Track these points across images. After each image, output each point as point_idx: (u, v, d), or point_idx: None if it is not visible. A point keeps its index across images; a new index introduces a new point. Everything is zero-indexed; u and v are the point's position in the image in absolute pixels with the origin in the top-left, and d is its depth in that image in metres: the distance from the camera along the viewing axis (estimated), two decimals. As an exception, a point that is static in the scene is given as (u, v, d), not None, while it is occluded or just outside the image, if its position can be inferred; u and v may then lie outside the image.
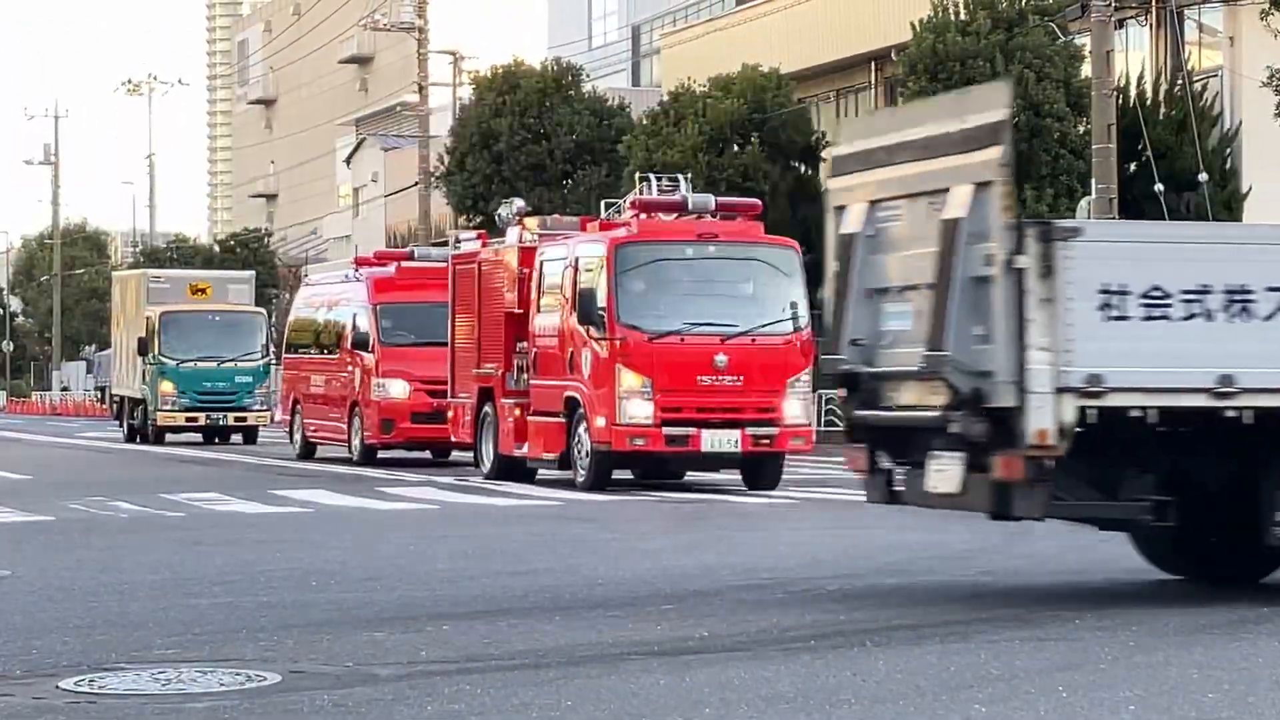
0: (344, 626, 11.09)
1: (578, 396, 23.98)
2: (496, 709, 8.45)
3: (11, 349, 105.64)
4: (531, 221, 26.60)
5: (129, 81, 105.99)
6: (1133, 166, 37.19)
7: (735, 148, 45.69)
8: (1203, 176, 36.47)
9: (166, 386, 41.62)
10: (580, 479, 24.09)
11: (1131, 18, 41.67)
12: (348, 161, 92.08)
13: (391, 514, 20.93)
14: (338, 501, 22.65)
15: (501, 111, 54.12)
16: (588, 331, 23.71)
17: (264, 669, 9.51)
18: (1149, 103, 38.89)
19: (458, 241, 29.20)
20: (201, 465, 33.09)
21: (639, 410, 23.32)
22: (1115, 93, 34.91)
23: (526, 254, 25.80)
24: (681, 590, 12.95)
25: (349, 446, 32.23)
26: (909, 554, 15.61)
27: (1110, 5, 33.52)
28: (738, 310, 23.98)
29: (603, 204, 26.71)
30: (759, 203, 26.35)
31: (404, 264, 32.72)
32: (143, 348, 42.03)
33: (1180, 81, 38.97)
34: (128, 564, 15.01)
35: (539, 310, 25.16)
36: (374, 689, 8.96)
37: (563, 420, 24.34)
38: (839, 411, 36.62)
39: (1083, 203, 34.65)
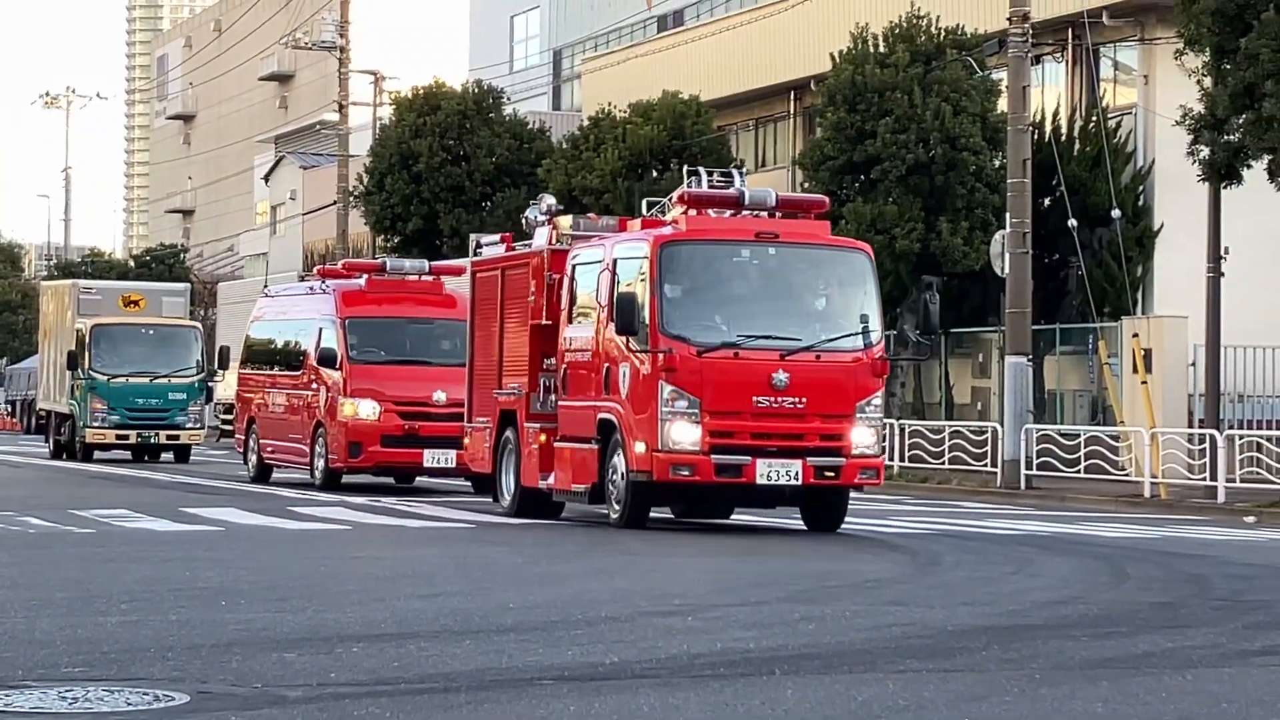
0: (253, 646, 11.02)
1: (614, 419, 21.09)
2: (405, 733, 8.42)
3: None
4: (564, 221, 23.56)
5: (46, 94, 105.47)
6: (1047, 201, 37.49)
7: (654, 173, 45.81)
8: (1116, 213, 36.79)
9: (96, 402, 40.62)
10: (614, 514, 21.33)
11: (1048, 54, 42.01)
12: (266, 179, 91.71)
13: (303, 534, 20.84)
14: (249, 520, 22.51)
15: (421, 132, 54.09)
16: (627, 344, 20.90)
17: (172, 689, 9.44)
18: (1064, 138, 39.23)
19: (478, 246, 26.03)
20: (132, 485, 32.81)
21: (684, 435, 20.44)
22: (1031, 128, 35.19)
23: (557, 258, 22.95)
24: (592, 616, 12.93)
25: (310, 470, 30.38)
26: (819, 582, 15.65)
27: (1027, 41, 33.79)
28: (801, 322, 21.16)
29: (645, 202, 23.81)
30: (825, 200, 23.34)
31: (374, 276, 30.88)
32: (72, 361, 40.90)
33: (1095, 118, 39.29)
34: (36, 580, 14.87)
35: (570, 321, 22.32)
36: (283, 710, 8.91)
37: (595, 446, 21.47)
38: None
39: (997, 236, 34.89)
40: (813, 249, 21.54)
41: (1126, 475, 32.73)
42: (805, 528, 21.90)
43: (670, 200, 22.58)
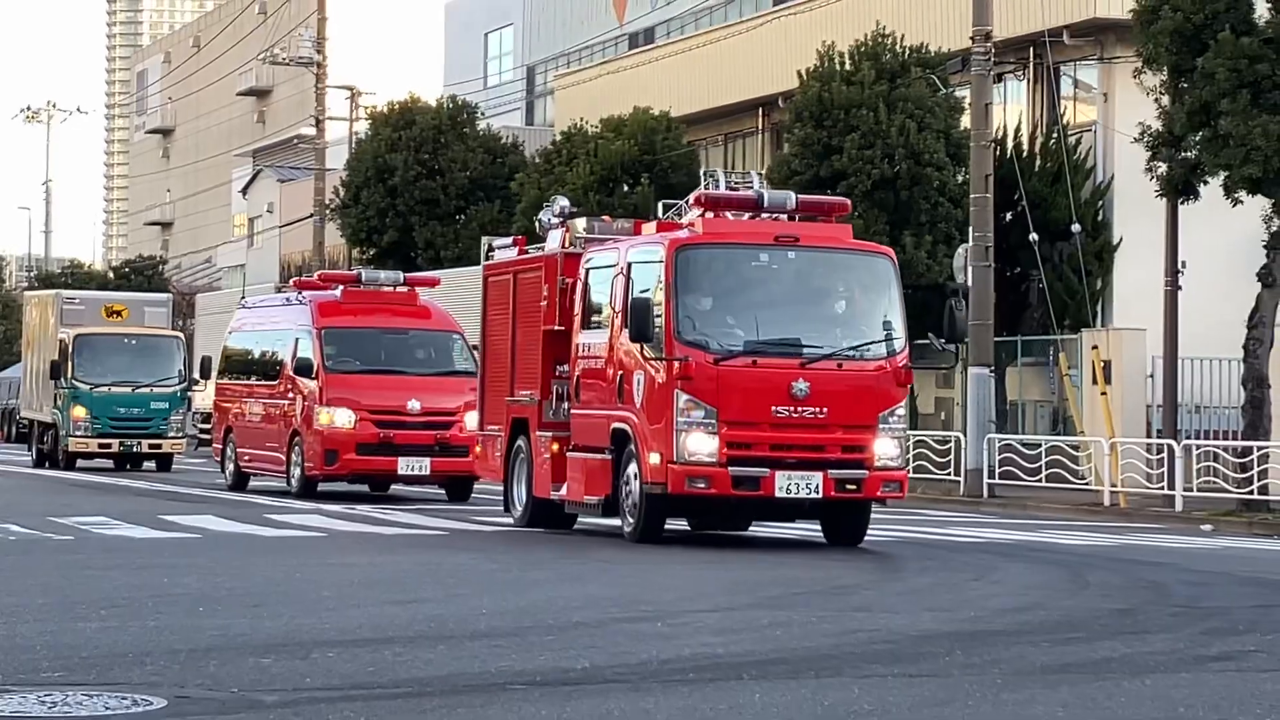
0: (230, 652, 10.99)
1: (628, 429, 20.04)
2: (380, 737, 8.40)
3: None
4: (578, 224, 22.35)
5: (28, 108, 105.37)
6: (1009, 216, 37.57)
7: (625, 187, 45.82)
8: (1075, 227, 36.91)
9: (79, 411, 40.31)
10: (628, 527, 20.37)
11: (1010, 72, 42.10)
12: (244, 192, 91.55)
13: (279, 541, 20.79)
14: (226, 527, 22.45)
15: (397, 146, 54.06)
16: (641, 351, 19.83)
17: (150, 693, 9.42)
18: (1025, 155, 39.33)
19: (490, 250, 25.11)
20: (110, 493, 32.70)
21: (701, 445, 19.34)
22: (993, 144, 35.28)
23: (570, 261, 21.85)
24: (564, 621, 12.92)
25: (287, 478, 30.19)
26: (787, 588, 15.65)
27: (990, 60, 33.86)
28: (822, 329, 20.14)
29: (660, 205, 22.93)
30: (847, 202, 22.05)
31: (350, 287, 30.67)
32: (55, 371, 40.58)
33: (1056, 135, 39.39)
34: (16, 586, 14.81)
35: (584, 327, 21.25)
36: (259, 715, 8.88)
37: (609, 457, 20.45)
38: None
39: (960, 250, 34.96)
40: (834, 253, 20.56)
41: (1087, 484, 32.79)
42: (825, 541, 21.06)
43: (687, 203, 21.58)
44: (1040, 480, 33.09)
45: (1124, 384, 34.30)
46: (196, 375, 41.61)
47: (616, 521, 20.89)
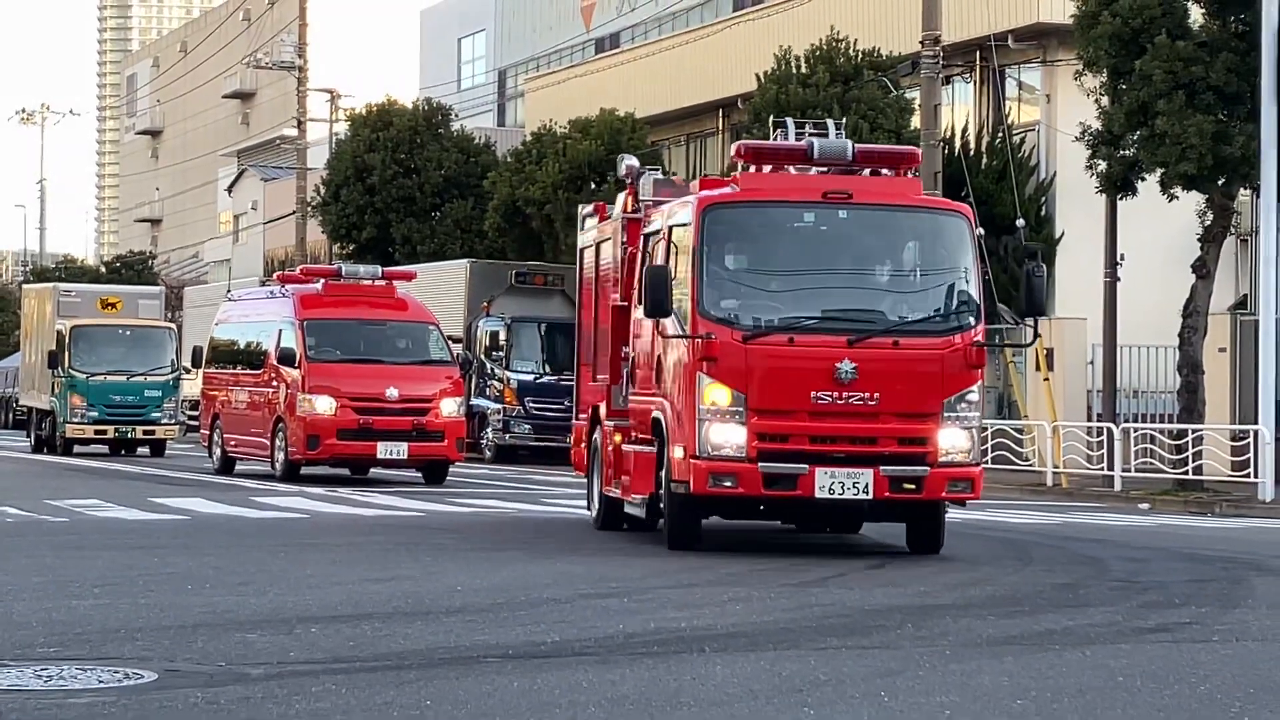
0: (217, 628, 10.97)
1: (662, 418, 16.87)
2: (360, 707, 8.40)
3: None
4: (645, 183, 18.79)
5: (23, 111, 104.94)
6: (957, 211, 37.57)
7: (593, 185, 45.75)
8: (1020, 222, 36.92)
9: (76, 399, 40.27)
10: (665, 530, 17.13)
11: (958, 75, 42.16)
12: (229, 190, 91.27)
13: (264, 522, 20.74)
14: (213, 509, 22.40)
15: (375, 147, 53.92)
16: (659, 328, 16.74)
17: (141, 667, 9.40)
18: (972, 153, 39.37)
19: (582, 220, 21.40)
20: (106, 477, 32.61)
21: (726, 437, 15.96)
22: (942, 143, 35.31)
23: (632, 227, 18.65)
24: (535, 598, 12.93)
25: (271, 462, 30.14)
26: (748, 566, 15.66)
27: (938, 63, 33.90)
28: (876, 301, 16.52)
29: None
30: (917, 152, 17.91)
31: (331, 281, 30.68)
32: (53, 360, 40.57)
33: (1001, 134, 39.46)
34: (12, 566, 14.77)
35: (639, 302, 17.44)
36: (245, 688, 8.88)
37: (654, 450, 17.18)
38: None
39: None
40: (894, 211, 16.81)
41: (1030, 465, 32.87)
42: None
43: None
44: (987, 462, 33.08)
45: (1066, 370, 34.38)
46: (188, 364, 41.52)
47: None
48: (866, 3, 41.67)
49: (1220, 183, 28.67)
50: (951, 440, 16.21)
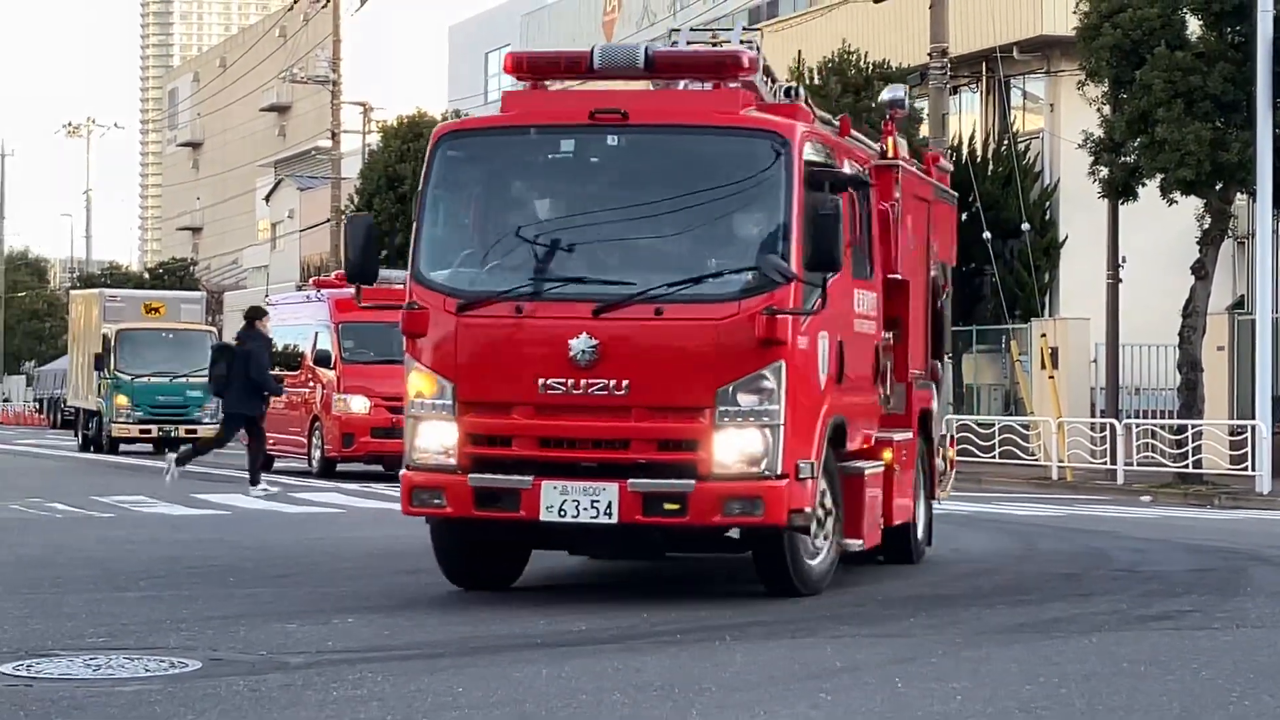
0: (258, 619, 10.99)
1: None
2: (396, 694, 8.41)
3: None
4: None
5: (69, 124, 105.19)
6: (964, 216, 37.51)
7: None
8: (1025, 226, 36.91)
9: (121, 399, 40.43)
10: None
11: (965, 85, 42.09)
12: (267, 199, 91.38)
13: (302, 516, 20.76)
14: (253, 505, 22.43)
15: (406, 157, 53.96)
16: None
17: (186, 656, 9.42)
18: (979, 160, 39.30)
19: None
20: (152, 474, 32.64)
21: (433, 440, 11.74)
22: (949, 151, 35.24)
23: None
24: (562, 586, 12.92)
25: (308, 459, 30.41)
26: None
27: (946, 74, 33.86)
28: (641, 255, 11.80)
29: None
30: (744, 55, 12.33)
31: (364, 285, 31.11)
32: (99, 363, 40.83)
33: (1006, 142, 39.39)
34: (62, 560, 14.80)
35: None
36: (286, 675, 8.89)
37: None
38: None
39: (920, 248, 34.91)
40: (680, 134, 11.92)
41: (1036, 460, 32.80)
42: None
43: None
44: (994, 456, 33.12)
45: (1070, 368, 34.30)
46: None
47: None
48: (877, 17, 41.57)
49: (1218, 188, 28.60)
50: (731, 444, 11.33)
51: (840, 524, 12.60)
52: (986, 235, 35.94)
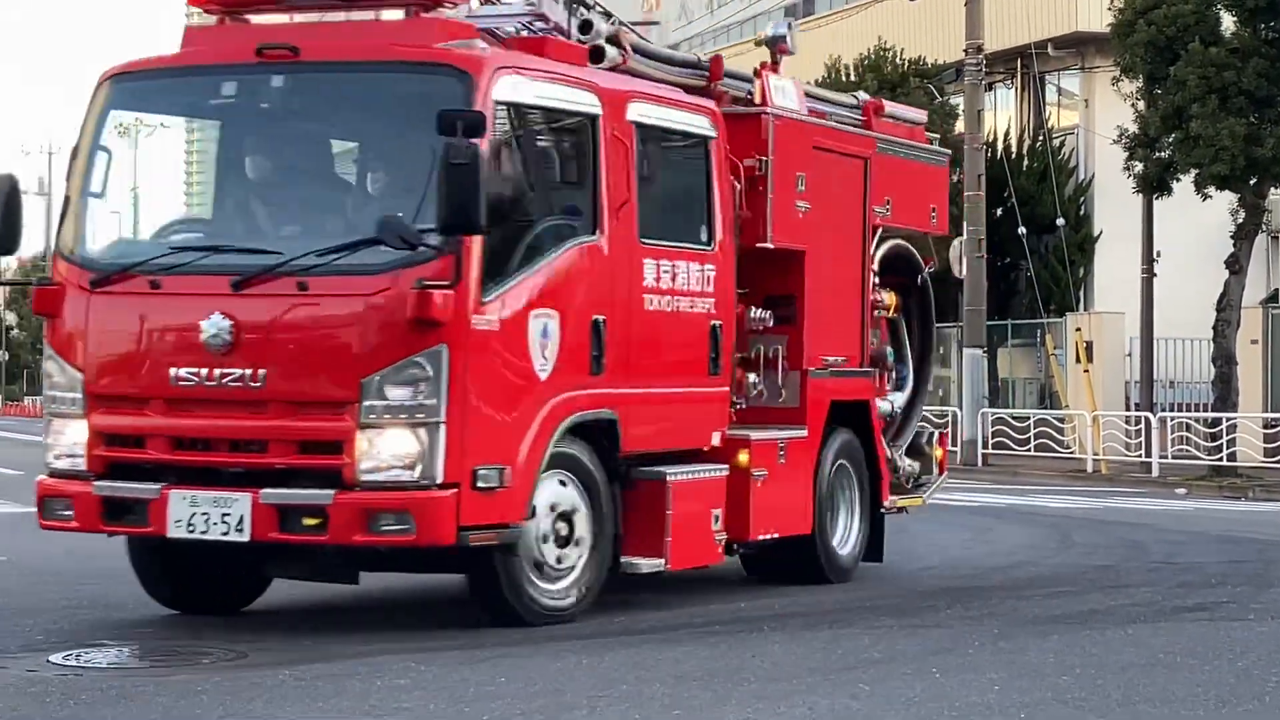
0: (302, 612, 11.03)
1: None
2: (437, 684, 8.42)
3: (6, 358, 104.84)
4: None
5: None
6: (999, 211, 37.42)
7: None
8: (1060, 221, 36.81)
9: None
10: None
11: (1000, 81, 41.97)
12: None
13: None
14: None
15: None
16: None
17: (234, 645, 9.46)
18: (1014, 156, 39.19)
19: None
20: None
21: (64, 440, 10.05)
22: (985, 147, 35.15)
23: None
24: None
25: None
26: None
27: (981, 70, 33.76)
28: (294, 218, 10.07)
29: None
30: None
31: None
32: None
33: (1041, 138, 39.27)
34: (111, 551, 14.84)
35: None
36: (330, 666, 8.91)
37: None
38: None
39: (955, 243, 34.83)
40: (355, 72, 9.96)
41: (1071, 453, 32.70)
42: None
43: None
44: (1029, 450, 33.02)
45: (1104, 362, 34.18)
46: None
47: None
48: (913, 14, 41.46)
49: (1252, 182, 28.48)
50: (378, 445, 9.39)
51: (618, 541, 10.61)
52: (1022, 230, 35.85)
